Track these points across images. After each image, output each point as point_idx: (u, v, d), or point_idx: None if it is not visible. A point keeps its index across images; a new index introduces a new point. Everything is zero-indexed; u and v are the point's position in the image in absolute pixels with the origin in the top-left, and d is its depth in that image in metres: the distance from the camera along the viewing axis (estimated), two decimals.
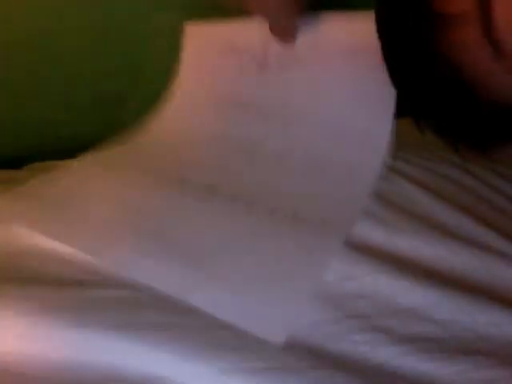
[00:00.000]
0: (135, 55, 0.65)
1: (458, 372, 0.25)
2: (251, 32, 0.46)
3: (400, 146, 0.50)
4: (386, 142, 0.41)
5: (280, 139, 0.46)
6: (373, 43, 0.38)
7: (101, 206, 0.38)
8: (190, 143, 0.50)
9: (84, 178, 0.43)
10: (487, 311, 0.29)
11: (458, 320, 0.28)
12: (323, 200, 0.39)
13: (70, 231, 0.35)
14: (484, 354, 0.26)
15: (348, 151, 0.42)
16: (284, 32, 0.33)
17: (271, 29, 0.34)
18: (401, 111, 0.43)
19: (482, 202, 0.40)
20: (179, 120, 0.59)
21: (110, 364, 0.25)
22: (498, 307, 0.29)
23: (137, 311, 0.28)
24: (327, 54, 0.43)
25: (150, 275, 0.31)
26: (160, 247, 0.33)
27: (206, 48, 0.54)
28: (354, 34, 0.41)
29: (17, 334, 0.27)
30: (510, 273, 0.32)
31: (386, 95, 0.40)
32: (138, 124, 0.64)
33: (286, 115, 0.46)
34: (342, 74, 0.43)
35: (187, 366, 0.24)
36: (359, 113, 0.43)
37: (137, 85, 0.66)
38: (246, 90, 0.49)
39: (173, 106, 0.56)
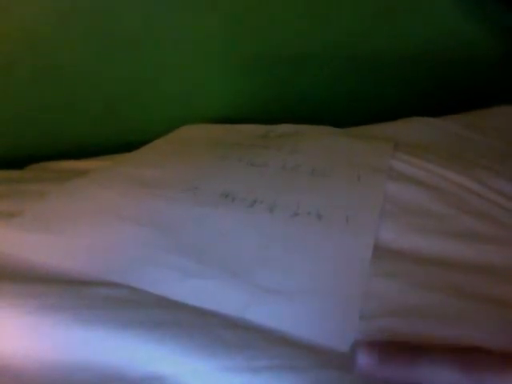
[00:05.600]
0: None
1: None
2: None
3: (402, 148, 0.51)
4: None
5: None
6: None
7: (123, 225, 0.37)
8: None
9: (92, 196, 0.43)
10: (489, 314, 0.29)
11: (458, 321, 0.28)
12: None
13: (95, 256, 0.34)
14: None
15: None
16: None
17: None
18: None
19: (482, 200, 0.40)
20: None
21: (110, 363, 0.25)
22: (499, 310, 0.29)
23: (139, 309, 0.28)
24: None
25: (198, 296, 0.30)
26: (201, 264, 0.33)
27: None
28: None
29: (18, 334, 0.27)
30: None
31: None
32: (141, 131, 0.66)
33: None
34: None
35: (190, 363, 0.24)
36: None
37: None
38: None
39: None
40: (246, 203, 0.40)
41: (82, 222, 0.38)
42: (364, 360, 0.21)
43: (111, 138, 0.67)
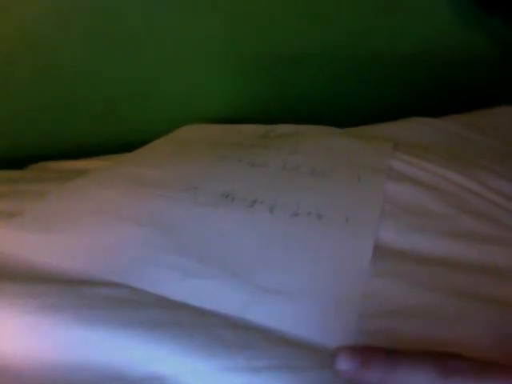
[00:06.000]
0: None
1: None
2: None
3: (402, 148, 0.51)
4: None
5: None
6: None
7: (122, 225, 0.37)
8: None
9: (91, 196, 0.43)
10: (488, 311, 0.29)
11: (458, 321, 0.28)
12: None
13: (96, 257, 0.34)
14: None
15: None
16: None
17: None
18: None
19: (482, 200, 0.40)
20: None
21: (110, 363, 0.25)
22: (500, 311, 0.29)
23: (139, 309, 0.28)
24: None
25: (198, 296, 0.30)
26: (201, 264, 0.33)
27: None
28: None
29: (18, 334, 0.27)
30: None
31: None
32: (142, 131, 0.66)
33: None
34: None
35: (190, 363, 0.24)
36: None
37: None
38: None
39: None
40: (246, 203, 0.40)
41: (82, 222, 0.38)
42: (344, 365, 0.22)
43: (111, 138, 0.67)
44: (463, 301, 0.29)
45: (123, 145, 0.60)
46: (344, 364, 0.22)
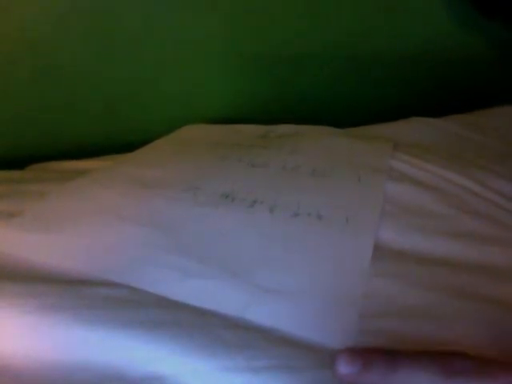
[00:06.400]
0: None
1: None
2: None
3: (402, 148, 0.51)
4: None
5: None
6: None
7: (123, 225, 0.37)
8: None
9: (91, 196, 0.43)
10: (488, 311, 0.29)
11: (458, 321, 0.28)
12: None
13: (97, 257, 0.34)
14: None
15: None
16: None
17: None
18: None
19: (482, 200, 0.40)
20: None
21: (110, 363, 0.25)
22: (499, 310, 0.29)
23: (139, 309, 0.28)
24: None
25: (198, 296, 0.30)
26: (201, 264, 0.33)
27: None
28: None
29: (18, 334, 0.27)
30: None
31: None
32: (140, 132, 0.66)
33: None
34: None
35: (190, 363, 0.24)
36: None
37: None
38: None
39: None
40: (246, 203, 0.40)
41: (82, 222, 0.38)
42: (345, 369, 0.22)
43: (111, 138, 0.67)
44: (463, 301, 0.29)
45: (123, 145, 0.60)
46: (345, 368, 0.22)
